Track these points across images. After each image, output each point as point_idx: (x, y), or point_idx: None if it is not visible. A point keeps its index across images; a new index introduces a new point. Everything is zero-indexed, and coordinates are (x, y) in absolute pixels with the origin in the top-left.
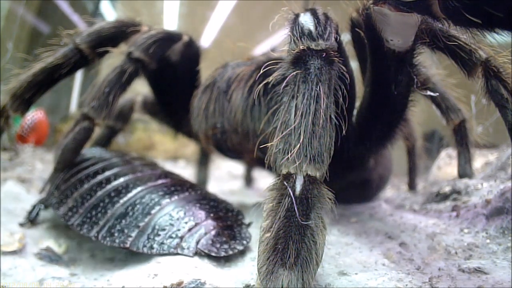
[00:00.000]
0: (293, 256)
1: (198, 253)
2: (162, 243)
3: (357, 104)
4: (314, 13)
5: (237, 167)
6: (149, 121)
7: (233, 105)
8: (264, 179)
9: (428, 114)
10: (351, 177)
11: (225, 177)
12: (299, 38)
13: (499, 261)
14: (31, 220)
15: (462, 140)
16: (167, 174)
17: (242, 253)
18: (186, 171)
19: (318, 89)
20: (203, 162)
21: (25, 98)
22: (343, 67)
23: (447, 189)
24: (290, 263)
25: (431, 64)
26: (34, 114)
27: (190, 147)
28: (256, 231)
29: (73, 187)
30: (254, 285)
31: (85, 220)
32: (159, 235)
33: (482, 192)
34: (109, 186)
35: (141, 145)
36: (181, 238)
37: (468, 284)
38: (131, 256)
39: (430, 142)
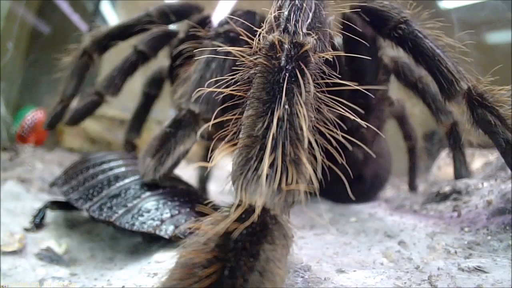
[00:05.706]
0: None
1: (174, 237)
2: (144, 222)
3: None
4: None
5: None
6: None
7: None
8: None
9: (428, 114)
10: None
11: (226, 177)
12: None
13: (499, 259)
14: (37, 224)
15: (455, 143)
16: None
17: None
18: (186, 171)
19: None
20: (204, 161)
21: (102, 44)
22: (322, 60)
23: (447, 189)
24: None
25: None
26: (34, 114)
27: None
28: None
29: (79, 172)
30: None
31: (82, 196)
32: (143, 215)
33: (482, 191)
34: (110, 173)
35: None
36: (162, 221)
37: (467, 283)
38: (131, 256)
39: (430, 142)
